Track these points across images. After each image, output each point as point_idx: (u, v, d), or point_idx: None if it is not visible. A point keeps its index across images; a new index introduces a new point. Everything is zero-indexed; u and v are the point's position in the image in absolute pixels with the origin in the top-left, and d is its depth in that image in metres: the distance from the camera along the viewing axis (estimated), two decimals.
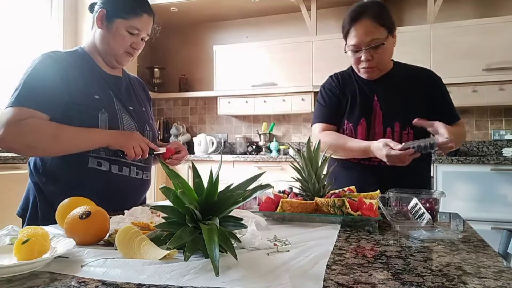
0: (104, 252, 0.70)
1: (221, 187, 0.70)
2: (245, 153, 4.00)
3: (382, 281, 0.56)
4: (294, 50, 3.67)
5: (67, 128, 1.16)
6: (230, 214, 0.70)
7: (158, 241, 0.69)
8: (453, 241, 0.82)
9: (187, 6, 3.87)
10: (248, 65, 3.82)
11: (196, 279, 0.56)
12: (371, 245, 0.79)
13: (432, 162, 2.90)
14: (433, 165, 2.94)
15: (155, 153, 1.29)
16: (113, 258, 0.65)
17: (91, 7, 1.32)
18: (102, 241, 0.79)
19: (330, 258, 0.68)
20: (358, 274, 0.59)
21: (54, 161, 1.22)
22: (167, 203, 0.72)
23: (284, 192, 1.16)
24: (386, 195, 1.12)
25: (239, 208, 0.98)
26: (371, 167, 1.43)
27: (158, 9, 3.74)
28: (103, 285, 0.55)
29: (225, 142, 4.27)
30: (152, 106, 1.56)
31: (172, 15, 4.07)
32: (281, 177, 3.24)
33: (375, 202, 0.99)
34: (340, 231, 0.91)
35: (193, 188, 0.69)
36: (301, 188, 1.14)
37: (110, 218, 0.84)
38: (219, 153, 3.94)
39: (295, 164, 1.15)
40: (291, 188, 1.20)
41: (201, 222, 0.66)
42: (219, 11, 4.04)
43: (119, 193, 1.26)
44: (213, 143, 3.97)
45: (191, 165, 0.76)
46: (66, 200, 0.91)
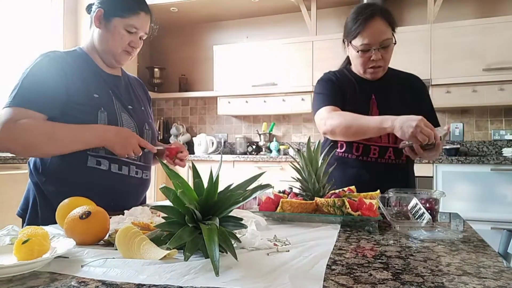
0: (104, 252, 0.70)
1: (221, 187, 0.70)
2: (245, 153, 4.00)
3: (382, 281, 0.56)
4: (294, 50, 3.67)
5: (62, 127, 1.16)
6: (230, 214, 0.70)
7: (158, 241, 0.69)
8: (453, 241, 0.82)
9: (187, 6, 3.87)
10: (248, 65, 3.82)
11: (196, 279, 0.56)
12: (371, 245, 0.79)
13: (432, 162, 2.93)
14: (433, 165, 2.95)
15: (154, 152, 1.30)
16: (113, 258, 0.65)
17: (89, 8, 1.33)
18: (102, 241, 0.79)
19: (330, 258, 0.68)
20: (358, 274, 0.59)
21: (54, 161, 1.22)
22: (167, 203, 0.72)
23: (284, 192, 1.16)
24: (386, 195, 1.12)
25: (239, 208, 0.98)
26: (368, 163, 1.44)
27: (158, 9, 3.78)
28: (103, 285, 0.55)
29: (225, 142, 4.27)
30: (152, 106, 1.56)
31: (172, 15, 4.07)
32: (281, 177, 3.23)
33: (375, 202, 0.99)
34: (340, 231, 0.91)
35: (193, 188, 0.69)
36: (301, 188, 1.14)
37: (110, 218, 0.84)
38: (219, 153, 3.94)
39: (295, 164, 1.15)
40: (291, 188, 1.20)
41: (201, 222, 0.66)
42: (219, 11, 4.04)
43: (119, 192, 1.26)
44: (213, 143, 3.97)
45: (191, 165, 0.76)
46: (66, 200, 0.91)
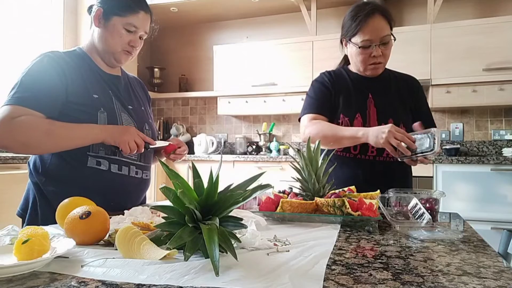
0: (104, 252, 0.70)
1: (221, 187, 0.70)
2: (245, 153, 4.00)
3: (382, 281, 0.56)
4: (294, 50, 3.67)
5: (60, 124, 1.16)
6: (230, 214, 0.70)
7: (158, 241, 0.69)
8: (453, 241, 0.82)
9: (187, 6, 3.87)
10: (248, 65, 3.81)
11: (196, 279, 0.56)
12: (371, 245, 0.79)
13: (432, 162, 2.93)
14: (433, 165, 2.95)
15: (151, 147, 1.28)
16: (113, 258, 0.65)
17: (90, 9, 1.33)
18: (102, 241, 0.79)
19: (330, 258, 0.68)
20: (358, 274, 0.59)
21: (53, 161, 1.22)
22: (167, 203, 0.72)
23: (284, 192, 1.16)
24: (386, 195, 1.12)
25: (239, 208, 0.98)
26: (366, 161, 1.44)
27: (158, 9, 3.78)
28: (103, 285, 0.55)
29: (225, 142, 4.27)
30: (152, 106, 1.56)
31: (172, 15, 4.07)
32: (281, 177, 3.23)
33: (375, 202, 0.99)
34: (340, 231, 0.91)
35: (193, 188, 0.69)
36: (301, 188, 1.14)
37: (110, 218, 0.84)
38: (219, 153, 3.94)
39: (295, 164, 1.15)
40: (291, 188, 1.20)
41: (201, 222, 0.66)
42: (219, 11, 4.04)
43: (119, 192, 1.26)
44: (213, 143, 3.97)
45: (191, 165, 0.76)
46: (66, 200, 0.91)
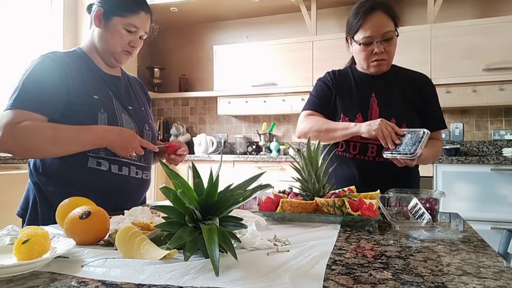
0: (104, 252, 0.70)
1: (221, 187, 0.70)
2: (245, 153, 4.00)
3: (382, 281, 0.56)
4: (294, 50, 3.67)
5: (64, 128, 1.16)
6: (230, 214, 0.70)
7: (158, 241, 0.69)
8: (453, 241, 0.82)
9: (187, 6, 3.87)
10: (248, 65, 3.81)
11: (196, 279, 0.56)
12: (371, 245, 0.79)
13: (432, 162, 2.93)
14: (433, 165, 2.94)
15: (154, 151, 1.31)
16: (113, 258, 0.65)
17: (89, 8, 1.33)
18: (102, 241, 0.79)
19: (330, 258, 0.68)
20: (358, 274, 0.59)
21: (54, 161, 1.22)
22: (167, 203, 0.72)
23: (284, 192, 1.16)
24: (386, 195, 1.12)
25: (239, 208, 0.98)
26: (365, 162, 1.44)
27: (158, 9, 3.78)
28: (103, 285, 0.55)
29: (225, 142, 4.27)
30: (152, 106, 1.56)
31: (172, 15, 4.07)
32: (281, 177, 3.23)
33: (375, 202, 0.99)
34: (340, 231, 0.91)
35: (193, 188, 0.69)
36: (301, 188, 1.14)
37: (110, 218, 0.84)
38: (219, 153, 3.94)
39: (295, 164, 1.15)
40: (291, 188, 1.20)
41: (201, 222, 0.66)
42: (219, 11, 4.04)
43: (119, 193, 1.26)
44: (213, 143, 3.97)
45: (191, 165, 0.76)
46: (66, 200, 0.91)
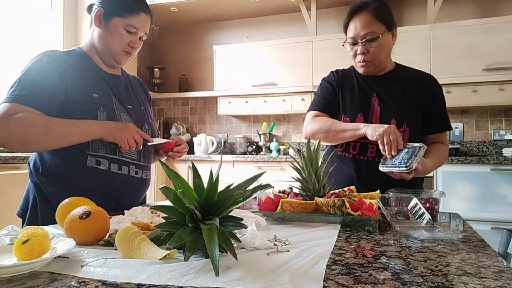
0: (104, 252, 0.70)
1: (221, 187, 0.70)
2: (245, 153, 4.00)
3: (382, 281, 0.56)
4: (294, 50, 3.67)
5: (59, 120, 1.16)
6: (230, 214, 0.70)
7: (158, 241, 0.69)
8: (453, 241, 0.82)
9: (187, 6, 3.87)
10: (248, 65, 3.81)
11: (196, 279, 0.56)
12: (371, 245, 0.79)
13: None
14: None
15: (149, 144, 1.29)
16: (113, 258, 0.65)
17: (90, 8, 1.33)
18: (102, 241, 0.79)
19: (330, 258, 0.68)
20: (358, 274, 0.59)
21: (53, 161, 1.22)
22: (167, 203, 0.72)
23: (284, 192, 1.16)
24: (386, 195, 1.12)
25: (239, 208, 0.98)
26: (364, 162, 1.44)
27: (158, 9, 3.78)
28: (103, 285, 0.55)
29: (225, 142, 4.27)
30: (152, 105, 1.56)
31: (172, 15, 4.07)
32: (281, 177, 3.24)
33: (375, 202, 0.99)
34: (340, 231, 0.91)
35: (193, 188, 0.69)
36: (301, 188, 1.14)
37: (110, 218, 0.84)
38: (219, 153, 3.94)
39: (295, 164, 1.15)
40: (291, 188, 1.20)
41: (201, 222, 0.66)
42: (219, 11, 4.04)
43: (119, 192, 1.26)
44: (213, 143, 3.97)
45: (191, 165, 0.76)
46: (66, 200, 0.91)
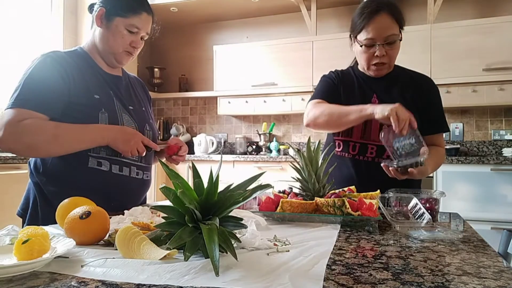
0: (104, 252, 0.70)
1: (221, 187, 0.70)
2: (245, 153, 4.00)
3: (382, 281, 0.56)
4: (294, 50, 3.67)
5: (66, 127, 1.16)
6: (230, 214, 0.70)
7: (158, 241, 0.69)
8: (453, 241, 0.82)
9: (187, 6, 3.87)
10: (248, 65, 3.81)
11: (196, 279, 0.56)
12: (371, 245, 0.79)
13: None
14: None
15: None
16: (113, 258, 0.65)
17: (91, 7, 1.33)
18: (102, 241, 0.79)
19: (330, 258, 0.68)
20: (358, 274, 0.59)
21: (54, 161, 1.22)
22: (167, 203, 0.72)
23: (284, 192, 1.16)
24: (386, 195, 1.12)
25: (239, 208, 0.98)
26: (364, 163, 1.43)
27: (158, 9, 3.78)
28: (103, 285, 0.55)
29: (225, 142, 4.27)
30: (152, 106, 1.56)
31: (172, 15, 4.07)
32: (281, 177, 3.24)
33: (375, 202, 0.99)
34: (340, 231, 0.91)
35: (193, 188, 0.69)
36: (301, 188, 1.14)
37: (110, 218, 0.84)
38: (219, 153, 3.94)
39: (295, 164, 1.15)
40: (291, 188, 1.20)
41: (201, 222, 0.66)
42: (219, 11, 4.04)
43: (119, 193, 1.26)
44: (213, 143, 3.97)
45: (191, 165, 0.76)
46: (66, 200, 0.91)
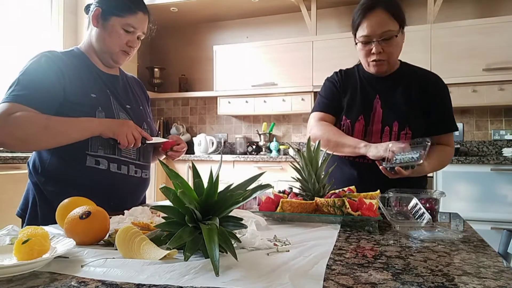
0: (104, 252, 0.70)
1: (221, 187, 0.70)
2: (245, 153, 4.00)
3: (382, 281, 0.56)
4: (294, 50, 3.67)
5: (57, 118, 1.16)
6: (230, 214, 0.70)
7: (158, 241, 0.69)
8: (453, 241, 0.82)
9: (187, 6, 3.87)
10: (248, 65, 3.81)
11: (196, 279, 0.56)
12: (371, 245, 0.79)
13: None
14: None
15: (148, 142, 1.29)
16: (113, 258, 0.65)
17: (87, 8, 1.33)
18: (102, 241, 0.79)
19: (330, 258, 0.68)
20: (358, 274, 0.59)
21: (52, 161, 1.22)
22: (167, 203, 0.72)
23: (284, 192, 1.16)
24: (386, 195, 1.12)
25: (239, 208, 0.98)
26: (365, 165, 1.42)
27: (158, 9, 3.79)
28: (103, 285, 0.55)
29: (225, 142, 4.27)
30: (152, 106, 1.57)
31: (172, 15, 4.07)
32: (281, 177, 3.24)
33: (375, 202, 0.99)
34: (340, 231, 0.91)
35: (193, 188, 0.69)
36: (301, 188, 1.14)
37: (110, 218, 0.84)
38: (219, 153, 3.94)
39: (295, 164, 1.15)
40: (291, 188, 1.20)
41: (201, 222, 0.66)
42: (219, 11, 4.04)
43: (118, 192, 1.26)
44: (213, 143, 3.97)
45: (191, 165, 0.76)
46: (66, 200, 0.91)
